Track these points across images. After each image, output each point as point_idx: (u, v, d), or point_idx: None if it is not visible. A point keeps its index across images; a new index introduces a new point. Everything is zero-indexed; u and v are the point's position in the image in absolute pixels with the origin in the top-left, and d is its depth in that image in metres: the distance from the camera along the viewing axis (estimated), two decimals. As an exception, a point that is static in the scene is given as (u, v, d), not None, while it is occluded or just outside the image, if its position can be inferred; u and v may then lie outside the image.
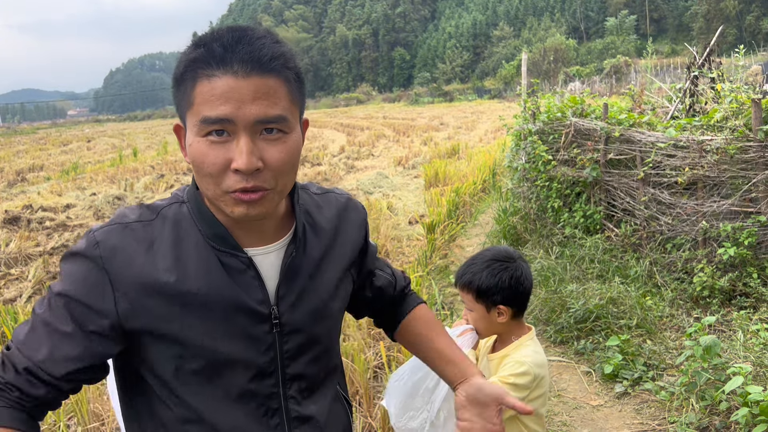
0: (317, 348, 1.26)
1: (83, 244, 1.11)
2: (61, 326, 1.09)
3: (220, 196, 1.07)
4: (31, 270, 7.59)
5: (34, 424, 1.11)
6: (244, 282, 1.14)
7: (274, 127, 1.06)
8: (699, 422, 3.46)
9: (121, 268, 1.09)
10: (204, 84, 1.03)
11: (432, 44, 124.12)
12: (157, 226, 1.14)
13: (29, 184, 17.37)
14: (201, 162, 1.05)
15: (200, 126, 1.04)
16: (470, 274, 2.06)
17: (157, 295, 1.10)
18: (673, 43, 72.61)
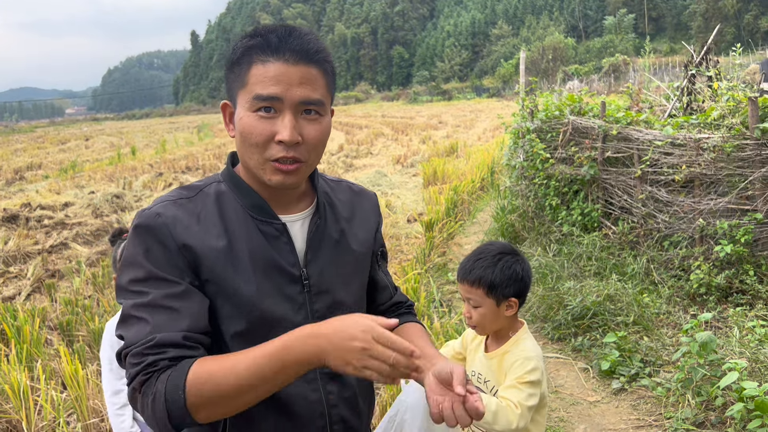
0: (343, 310, 1.37)
1: (144, 219, 1.25)
2: (171, 290, 1.21)
3: (262, 164, 1.26)
4: (30, 268, 7.59)
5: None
6: (278, 246, 1.32)
7: (313, 109, 1.27)
8: (695, 417, 3.48)
9: (183, 234, 1.25)
10: (258, 67, 1.24)
11: (431, 43, 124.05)
12: (200, 201, 1.32)
13: (27, 182, 17.36)
14: (250, 132, 1.24)
15: (252, 102, 1.24)
16: (480, 269, 2.04)
17: (214, 257, 1.26)
18: (672, 42, 72.66)
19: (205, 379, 1.13)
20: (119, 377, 2.59)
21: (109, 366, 2.57)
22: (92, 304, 5.70)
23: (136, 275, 1.22)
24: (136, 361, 1.16)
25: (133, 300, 1.21)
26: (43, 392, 3.83)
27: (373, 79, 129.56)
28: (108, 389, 2.59)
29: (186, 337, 1.18)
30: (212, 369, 1.14)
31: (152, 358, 1.16)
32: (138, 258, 1.23)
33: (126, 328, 1.21)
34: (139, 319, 1.19)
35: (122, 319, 1.23)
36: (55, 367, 4.37)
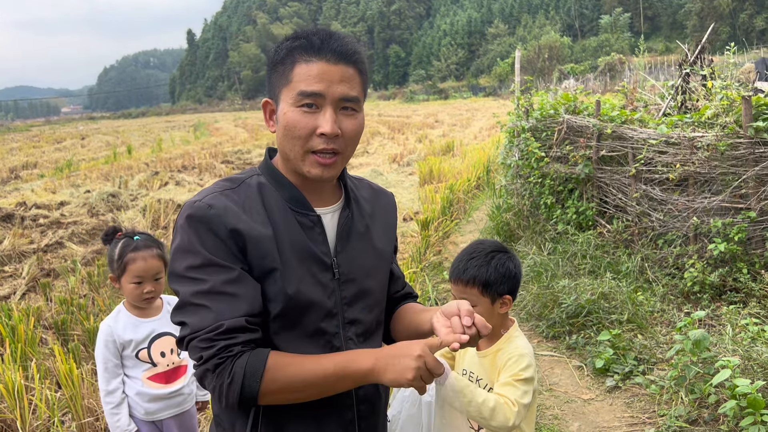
0: (369, 299, 1.51)
1: (196, 210, 1.33)
2: (228, 276, 1.30)
3: (302, 156, 1.37)
4: (25, 267, 7.57)
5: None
6: (313, 236, 1.42)
7: (350, 106, 1.38)
8: (688, 415, 3.50)
9: (233, 221, 1.33)
10: (302, 66, 1.35)
11: (427, 42, 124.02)
12: (243, 191, 1.41)
13: (23, 181, 17.31)
14: (294, 126, 1.35)
15: (296, 98, 1.34)
16: (474, 268, 2.04)
17: (262, 242, 1.35)
18: (667, 41, 72.80)
19: (281, 372, 1.28)
20: (115, 375, 2.59)
21: (104, 366, 2.58)
22: (87, 303, 5.69)
23: (193, 262, 1.30)
24: (207, 345, 1.26)
25: (192, 287, 1.30)
26: (37, 391, 3.83)
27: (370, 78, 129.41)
28: (103, 389, 2.59)
29: (248, 321, 1.29)
30: (287, 363, 1.29)
31: (224, 343, 1.26)
32: (194, 246, 1.31)
33: (187, 314, 1.30)
34: (201, 306, 1.29)
35: (181, 305, 1.32)
36: (50, 367, 4.36)
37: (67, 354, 4.31)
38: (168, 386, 2.66)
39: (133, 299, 2.60)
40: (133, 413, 2.63)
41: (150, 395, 2.61)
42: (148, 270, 2.57)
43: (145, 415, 2.63)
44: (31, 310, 5.38)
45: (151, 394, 2.61)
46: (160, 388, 2.63)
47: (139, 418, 2.64)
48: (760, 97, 5.07)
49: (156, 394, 2.62)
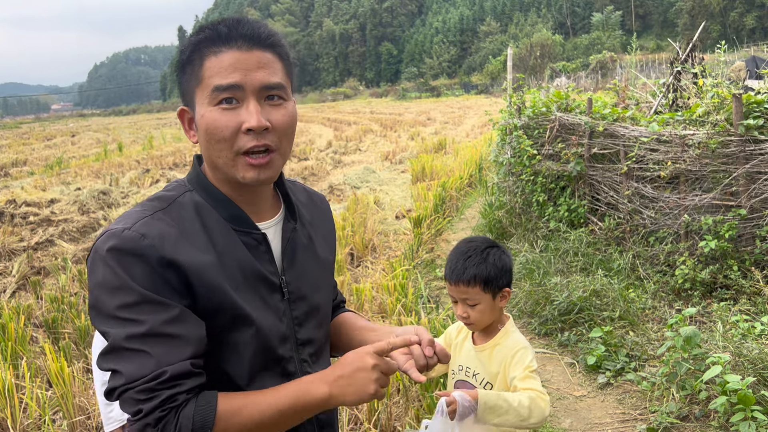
0: (319, 315, 1.41)
1: (125, 241, 1.14)
2: (168, 315, 1.13)
3: (232, 160, 1.21)
4: (15, 265, 7.53)
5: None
6: (259, 255, 1.28)
7: (275, 94, 1.22)
8: (679, 411, 3.52)
9: (171, 251, 1.16)
10: (212, 59, 1.19)
11: (419, 39, 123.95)
12: (176, 212, 1.23)
13: (12, 178, 17.19)
14: (215, 128, 1.19)
15: (212, 95, 1.19)
16: (473, 267, 2.03)
17: (207, 271, 1.19)
18: (658, 39, 73.11)
19: (234, 419, 1.13)
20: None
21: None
22: (78, 301, 5.66)
23: (125, 300, 1.11)
24: (147, 397, 1.09)
25: (126, 329, 1.10)
26: (28, 390, 3.81)
27: (362, 75, 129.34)
28: (99, 379, 2.59)
29: (194, 364, 1.13)
30: (238, 407, 1.15)
31: (168, 393, 1.09)
32: (125, 282, 1.12)
33: (121, 361, 1.11)
34: (137, 352, 1.10)
35: (112, 350, 1.12)
36: (41, 365, 4.34)
37: (58, 352, 4.29)
38: None
39: None
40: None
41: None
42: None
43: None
44: (22, 309, 5.35)
45: (98, 368, 2.60)
46: None
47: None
48: (750, 95, 5.10)
49: None
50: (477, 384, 2.10)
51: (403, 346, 1.23)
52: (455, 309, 2.13)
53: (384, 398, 1.27)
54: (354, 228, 7.62)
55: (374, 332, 1.44)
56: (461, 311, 2.08)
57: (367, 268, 6.72)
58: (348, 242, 7.25)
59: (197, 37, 1.23)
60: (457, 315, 2.12)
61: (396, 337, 1.30)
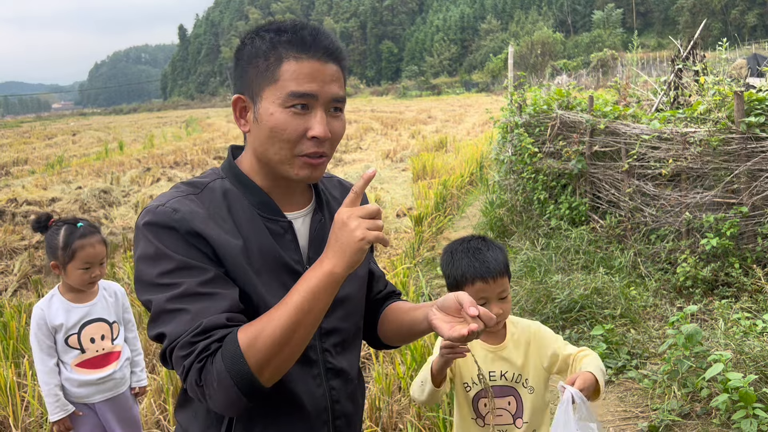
0: (347, 306, 1.42)
1: (159, 215, 1.23)
2: (203, 277, 1.20)
3: (290, 159, 1.27)
4: (17, 264, 7.54)
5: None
6: (284, 243, 1.33)
7: (339, 106, 1.31)
8: (680, 409, 3.52)
9: (202, 226, 1.24)
10: (292, 63, 1.24)
11: (420, 37, 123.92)
12: (207, 197, 1.30)
13: (13, 177, 17.20)
14: (283, 129, 1.25)
15: (286, 98, 1.24)
16: (495, 262, 1.95)
17: (232, 253, 1.26)
18: (659, 37, 73.07)
19: (255, 336, 1.15)
20: (51, 356, 2.66)
21: (39, 347, 2.65)
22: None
23: (165, 268, 1.20)
24: (186, 351, 1.15)
25: (166, 293, 1.19)
26: (30, 388, 3.81)
27: (363, 73, 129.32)
28: (40, 369, 2.67)
29: (229, 318, 1.18)
30: (256, 327, 1.17)
31: (203, 344, 1.15)
32: (163, 251, 1.20)
33: (164, 323, 1.18)
34: (177, 311, 1.17)
35: (155, 316, 1.20)
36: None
37: (60, 351, 4.29)
38: (97, 371, 2.72)
39: (80, 284, 2.65)
40: (66, 397, 2.69)
41: (78, 381, 2.68)
42: (97, 255, 2.65)
43: (75, 398, 2.69)
44: (23, 307, 5.35)
45: (79, 380, 2.68)
46: (89, 374, 2.69)
47: (72, 402, 2.70)
48: (752, 92, 5.09)
49: (84, 380, 2.68)
50: (508, 381, 2.04)
51: (365, 185, 1.21)
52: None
53: (386, 242, 1.21)
54: (355, 226, 7.61)
55: (416, 309, 1.45)
56: (497, 309, 1.96)
57: (368, 266, 6.72)
58: (349, 240, 7.25)
59: (278, 36, 1.26)
60: (489, 318, 2.01)
61: (438, 308, 1.32)
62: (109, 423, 2.77)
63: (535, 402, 2.06)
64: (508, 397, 2.08)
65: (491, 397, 2.01)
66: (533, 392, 2.05)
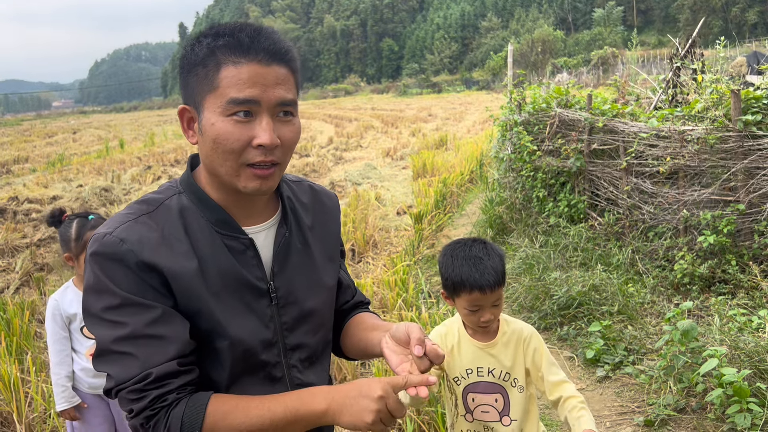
0: (313, 320, 1.38)
1: (105, 246, 1.17)
2: (150, 316, 1.15)
3: (236, 170, 1.20)
4: (18, 261, 7.58)
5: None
6: (245, 261, 1.26)
7: (287, 110, 1.23)
8: (676, 403, 3.56)
9: (150, 256, 1.17)
10: (230, 69, 1.16)
11: (420, 35, 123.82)
12: (162, 215, 1.23)
13: (14, 176, 17.24)
14: (226, 139, 1.17)
15: (226, 106, 1.17)
16: (491, 271, 1.97)
17: (186, 278, 1.20)
18: (660, 35, 72.98)
19: (223, 422, 1.14)
20: (64, 347, 2.72)
21: (53, 338, 2.71)
22: (82, 297, 5.70)
23: (109, 303, 1.15)
24: (137, 397, 1.13)
25: (111, 332, 1.14)
26: (33, 384, 3.86)
27: (363, 71, 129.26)
28: (53, 360, 2.73)
29: (180, 363, 1.16)
30: (229, 409, 1.15)
31: (156, 393, 1.13)
32: (106, 285, 1.15)
33: (110, 364, 1.15)
34: (124, 354, 1.14)
35: (101, 353, 1.17)
36: (45, 360, 4.38)
37: (63, 347, 4.33)
38: None
39: None
40: (79, 387, 2.75)
41: (94, 371, 2.70)
42: None
43: (89, 389, 2.75)
44: (26, 304, 5.40)
45: (95, 370, 2.70)
46: None
47: (84, 392, 2.76)
48: (749, 90, 5.12)
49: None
50: (496, 379, 2.09)
51: (419, 384, 1.16)
52: (476, 318, 2.03)
53: None
54: (355, 224, 7.66)
55: (373, 330, 1.41)
56: (489, 316, 2.02)
57: (368, 263, 6.76)
58: (349, 238, 7.29)
59: (215, 41, 1.19)
60: (482, 322, 2.03)
61: (392, 335, 1.29)
62: (119, 414, 2.83)
63: (523, 401, 2.10)
64: (495, 394, 2.10)
65: (447, 389, 2.12)
66: (523, 391, 2.10)
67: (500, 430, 2.08)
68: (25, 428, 3.65)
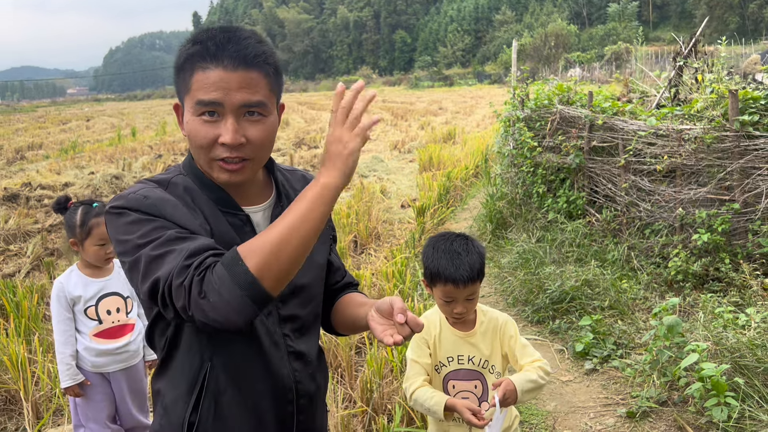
0: (304, 294, 1.51)
1: (131, 201, 1.30)
2: (182, 230, 1.27)
3: (209, 163, 1.36)
4: (30, 246, 7.76)
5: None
6: (243, 235, 1.38)
7: (255, 110, 1.33)
8: (658, 396, 3.66)
9: (172, 212, 1.31)
10: (200, 74, 1.31)
11: (433, 28, 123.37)
12: (172, 190, 1.38)
13: (28, 162, 17.49)
14: (195, 136, 1.33)
15: (195, 107, 1.32)
16: (467, 266, 2.08)
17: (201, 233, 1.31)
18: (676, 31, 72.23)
19: (252, 243, 1.21)
20: (68, 328, 2.86)
21: (58, 318, 2.86)
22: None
23: (144, 229, 1.26)
24: (184, 274, 1.19)
25: (150, 246, 1.24)
26: (40, 364, 4.02)
27: (375, 63, 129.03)
28: (58, 339, 2.89)
29: (211, 246, 1.25)
30: (253, 239, 1.22)
31: (197, 261, 1.20)
32: (138, 217, 1.28)
33: (156, 269, 1.22)
34: (165, 254, 1.22)
35: (145, 269, 1.24)
36: (52, 341, 4.53)
37: (69, 329, 4.49)
38: (114, 341, 2.93)
39: (97, 260, 2.86)
40: (82, 365, 2.89)
41: (97, 350, 2.88)
42: None
43: (92, 367, 2.90)
44: (35, 288, 5.57)
45: (97, 349, 2.88)
46: (106, 344, 2.89)
47: (87, 370, 2.90)
48: (747, 90, 5.17)
49: (102, 349, 2.88)
50: (476, 366, 2.21)
51: (354, 99, 1.25)
52: (449, 308, 2.15)
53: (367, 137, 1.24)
54: (358, 216, 7.77)
55: (361, 306, 1.54)
56: (461, 309, 2.14)
57: (371, 255, 6.88)
58: (352, 229, 7.41)
59: (191, 48, 1.33)
60: (454, 313, 2.16)
61: (377, 309, 1.39)
62: (121, 392, 2.98)
63: None
64: (475, 380, 2.23)
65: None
66: (499, 377, 2.21)
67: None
68: (31, 406, 3.80)
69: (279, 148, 17.02)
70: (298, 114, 33.23)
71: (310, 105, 42.53)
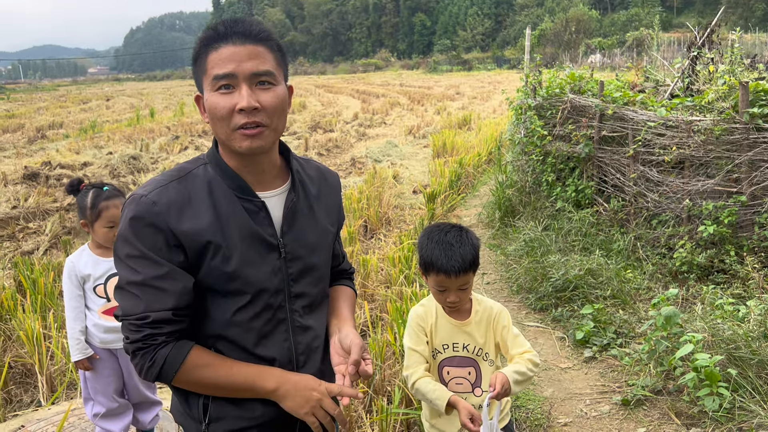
0: (314, 273, 1.66)
1: (140, 207, 1.45)
2: (158, 272, 1.44)
3: (230, 134, 1.47)
4: (48, 224, 7.95)
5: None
6: (259, 220, 1.55)
7: (265, 80, 1.48)
8: (654, 385, 3.72)
9: (176, 218, 1.46)
10: (213, 54, 1.47)
11: (453, 11, 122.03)
12: (190, 181, 1.52)
13: (49, 140, 17.77)
14: (215, 108, 1.46)
15: (212, 83, 1.47)
16: (459, 257, 2.14)
17: (208, 231, 1.48)
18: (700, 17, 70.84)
19: (196, 372, 1.48)
20: (78, 304, 2.98)
21: (69, 295, 2.98)
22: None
23: (131, 252, 1.44)
24: (134, 330, 1.44)
25: (128, 275, 1.45)
26: (54, 339, 4.17)
27: (394, 46, 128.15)
28: (69, 315, 3.01)
29: (175, 314, 1.45)
30: (204, 364, 1.48)
31: (149, 332, 1.43)
32: (132, 238, 1.44)
33: (122, 298, 1.47)
34: (133, 295, 1.44)
35: (119, 287, 1.48)
36: (66, 317, 4.70)
37: (83, 306, 4.64)
38: None
39: (106, 241, 2.96)
40: (91, 341, 3.01)
41: (105, 327, 3.00)
42: (119, 216, 2.96)
43: (101, 343, 3.01)
44: (52, 265, 5.73)
45: (105, 326, 3.00)
46: (114, 321, 2.98)
47: (96, 346, 3.02)
48: (759, 83, 5.14)
49: (110, 326, 2.99)
50: (470, 354, 2.28)
51: (349, 395, 1.50)
52: (443, 297, 2.22)
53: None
54: (369, 201, 7.84)
55: (336, 319, 1.74)
56: (453, 298, 2.21)
57: (380, 240, 6.96)
58: (362, 214, 7.49)
59: (204, 35, 1.51)
60: (447, 302, 2.22)
61: (340, 340, 1.62)
62: (129, 368, 3.12)
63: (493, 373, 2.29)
64: (468, 367, 2.31)
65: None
66: (492, 365, 2.30)
67: (472, 401, 2.27)
68: (45, 379, 3.97)
69: (295, 132, 17.11)
70: (315, 97, 33.25)
71: (327, 88, 42.51)
